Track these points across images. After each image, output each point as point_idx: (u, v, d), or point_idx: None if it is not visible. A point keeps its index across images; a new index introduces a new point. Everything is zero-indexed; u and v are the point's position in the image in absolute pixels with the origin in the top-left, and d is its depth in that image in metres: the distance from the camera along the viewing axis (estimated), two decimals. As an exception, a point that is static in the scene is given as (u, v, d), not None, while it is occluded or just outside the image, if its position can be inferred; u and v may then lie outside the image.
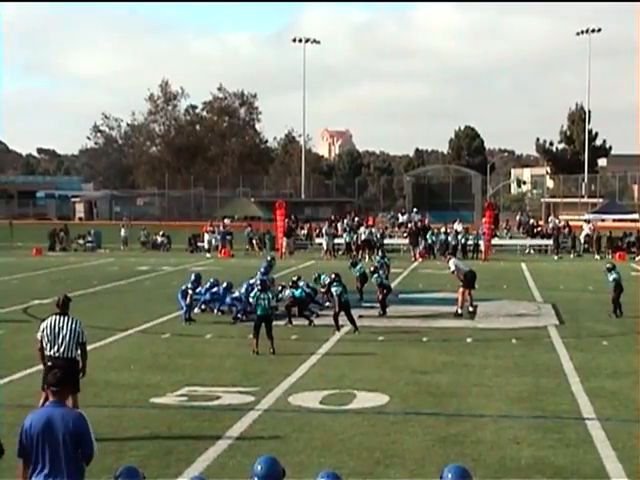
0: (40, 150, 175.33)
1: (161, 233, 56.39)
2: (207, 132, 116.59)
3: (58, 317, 12.63)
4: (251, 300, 20.42)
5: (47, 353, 12.45)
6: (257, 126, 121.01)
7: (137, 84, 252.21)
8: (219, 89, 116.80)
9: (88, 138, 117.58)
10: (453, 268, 26.29)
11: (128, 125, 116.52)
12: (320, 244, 51.39)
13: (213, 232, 53.90)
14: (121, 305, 27.90)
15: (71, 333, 12.47)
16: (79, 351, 12.58)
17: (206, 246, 52.83)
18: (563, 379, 16.71)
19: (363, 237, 48.74)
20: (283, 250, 49.62)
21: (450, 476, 6.87)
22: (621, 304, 25.15)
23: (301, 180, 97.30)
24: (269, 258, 28.71)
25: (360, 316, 24.45)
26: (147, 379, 16.49)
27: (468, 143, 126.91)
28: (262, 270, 26.44)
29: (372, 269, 26.63)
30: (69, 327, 12.51)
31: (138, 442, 12.37)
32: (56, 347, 12.43)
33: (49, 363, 12.28)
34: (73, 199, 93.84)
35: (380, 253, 31.04)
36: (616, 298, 25.00)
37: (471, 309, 25.70)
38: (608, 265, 26.16)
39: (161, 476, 10.84)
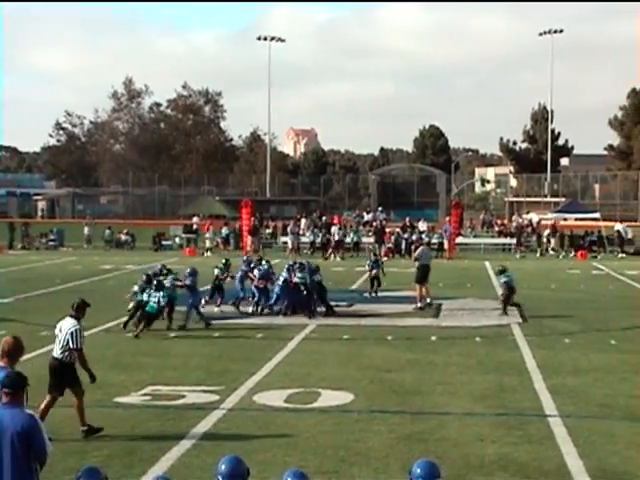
0: (1, 147, 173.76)
1: (125, 231, 56.06)
2: (171, 130, 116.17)
3: (66, 319, 12.97)
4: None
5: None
6: (222, 124, 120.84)
7: (100, 81, 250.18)
8: (184, 87, 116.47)
9: (50, 135, 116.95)
10: (419, 251, 27.47)
11: (91, 122, 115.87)
12: (285, 243, 51.38)
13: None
14: (84, 304, 27.67)
15: (65, 337, 12.70)
16: (71, 355, 12.72)
17: (208, 244, 52.15)
18: (526, 377, 16.84)
19: (337, 237, 48.79)
20: (248, 248, 49.55)
21: (419, 471, 6.90)
22: (517, 303, 25.35)
23: (266, 178, 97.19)
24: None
25: (326, 315, 24.56)
26: (110, 378, 16.39)
27: (433, 142, 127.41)
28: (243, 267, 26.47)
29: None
30: (65, 331, 12.73)
31: (101, 442, 12.32)
32: (55, 348, 12.82)
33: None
34: (35, 197, 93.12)
35: (373, 256, 30.73)
36: (506, 298, 25.12)
37: (428, 301, 26.39)
38: (500, 267, 26.27)
39: (124, 476, 10.80)
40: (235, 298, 25.50)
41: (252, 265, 26.48)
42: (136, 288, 23.09)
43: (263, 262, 26.72)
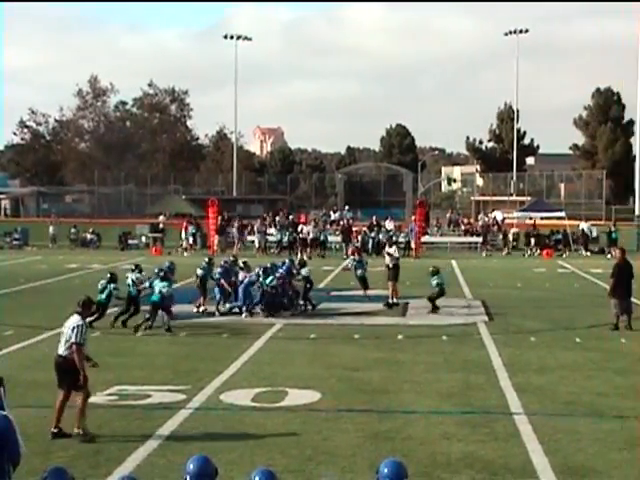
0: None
1: (91, 230, 55.67)
2: (137, 128, 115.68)
3: (72, 316, 12.90)
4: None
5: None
6: (188, 123, 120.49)
7: (65, 79, 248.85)
8: (149, 85, 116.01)
9: (14, 134, 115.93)
10: (392, 252, 27.91)
11: (56, 121, 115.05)
12: (252, 242, 51.31)
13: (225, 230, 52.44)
14: (49, 304, 27.48)
15: (68, 333, 12.65)
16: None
17: (184, 244, 51.42)
18: (492, 375, 16.92)
19: (311, 235, 48.80)
20: (215, 248, 49.44)
21: (387, 471, 6.90)
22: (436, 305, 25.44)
23: (233, 177, 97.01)
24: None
25: (292, 314, 24.56)
26: (76, 378, 16.27)
27: (399, 141, 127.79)
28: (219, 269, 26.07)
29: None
30: (69, 327, 12.68)
31: (66, 442, 12.23)
32: (60, 345, 12.79)
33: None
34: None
35: (357, 256, 29.73)
36: (435, 298, 25.31)
37: (395, 300, 26.63)
38: (432, 269, 26.37)
39: (90, 476, 10.73)
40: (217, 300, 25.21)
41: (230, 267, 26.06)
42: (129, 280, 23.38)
43: (239, 262, 26.53)
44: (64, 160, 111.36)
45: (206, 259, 26.73)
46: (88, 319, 14.66)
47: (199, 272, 25.74)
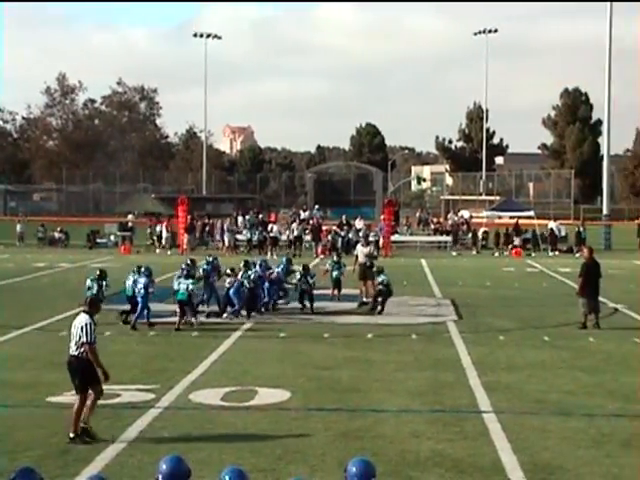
0: None
1: (59, 229, 55.32)
2: (106, 127, 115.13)
3: (80, 315, 12.74)
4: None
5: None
6: (158, 121, 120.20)
7: (33, 76, 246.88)
8: (118, 83, 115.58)
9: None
10: (366, 251, 27.99)
11: (24, 118, 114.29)
12: (222, 241, 51.14)
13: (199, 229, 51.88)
14: (17, 302, 27.31)
15: (77, 332, 12.48)
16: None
17: (226, 244, 49.77)
18: (461, 373, 16.97)
19: (296, 233, 48.77)
20: (184, 246, 49.29)
21: (355, 470, 6.91)
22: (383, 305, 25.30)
23: (202, 176, 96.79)
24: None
25: (261, 313, 24.52)
26: (43, 378, 16.18)
27: (369, 140, 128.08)
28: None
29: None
30: (78, 326, 12.51)
31: (34, 442, 12.14)
32: (70, 345, 12.62)
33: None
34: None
35: (336, 257, 29.33)
36: (385, 297, 25.11)
37: (364, 300, 26.57)
38: (375, 269, 26.35)
39: (58, 476, 10.65)
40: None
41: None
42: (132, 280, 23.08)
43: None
44: (32, 158, 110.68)
45: (189, 261, 25.78)
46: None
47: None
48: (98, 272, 23.56)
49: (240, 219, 53.87)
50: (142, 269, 23.23)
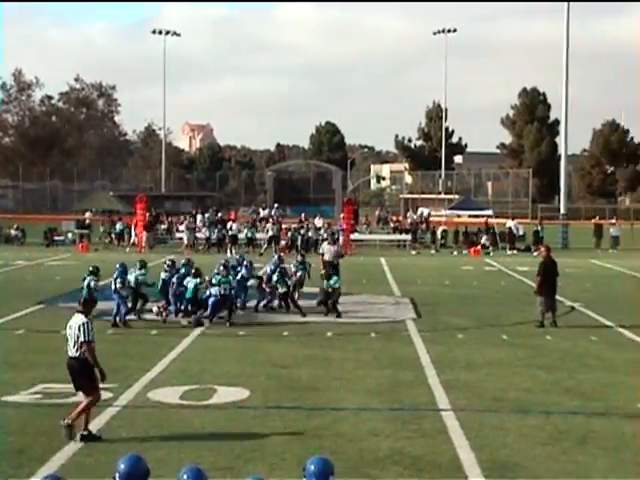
0: None
1: (15, 226, 54.76)
2: (64, 123, 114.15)
3: (75, 315, 12.62)
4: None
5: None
6: (116, 118, 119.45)
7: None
8: (76, 80, 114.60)
9: None
10: (334, 249, 28.10)
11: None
12: (180, 238, 50.98)
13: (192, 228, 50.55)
14: (-27, 301, 26.99)
15: (75, 332, 12.35)
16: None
17: (185, 242, 49.33)
18: (420, 372, 17.03)
19: (271, 233, 48.65)
20: (143, 244, 49.04)
21: (313, 468, 6.91)
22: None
23: (161, 174, 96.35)
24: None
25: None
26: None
27: (329, 139, 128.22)
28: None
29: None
30: (75, 326, 12.38)
31: (-11, 442, 12.00)
32: (68, 346, 12.48)
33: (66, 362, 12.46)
34: None
35: (300, 257, 27.93)
36: (334, 300, 24.82)
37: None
38: (328, 272, 26.16)
39: (13, 476, 10.55)
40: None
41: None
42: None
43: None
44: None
45: (168, 262, 25.03)
46: None
47: (163, 275, 24.33)
48: (90, 268, 23.18)
49: (199, 217, 53.68)
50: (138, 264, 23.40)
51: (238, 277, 24.84)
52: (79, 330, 12.31)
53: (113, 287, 22.48)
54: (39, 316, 23.94)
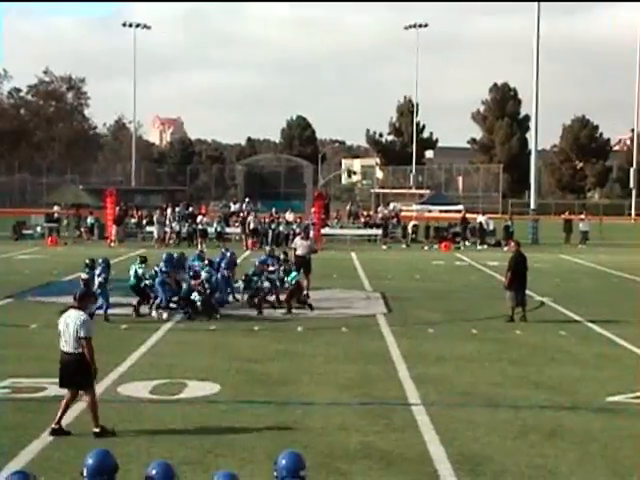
0: None
1: (-17, 220, 54.40)
2: (32, 116, 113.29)
3: (71, 311, 12.46)
4: None
5: (59, 348, 12.38)
6: (86, 111, 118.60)
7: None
8: (45, 72, 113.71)
9: None
10: (307, 244, 27.87)
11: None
12: (151, 232, 50.79)
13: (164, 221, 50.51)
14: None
15: (74, 328, 12.21)
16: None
17: (155, 236, 49.35)
18: (391, 366, 17.07)
19: (252, 226, 48.53)
20: (113, 238, 48.82)
21: (284, 463, 6.92)
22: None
23: (131, 167, 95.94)
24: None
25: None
26: (-32, 371, 15.89)
27: (300, 133, 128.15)
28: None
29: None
30: (73, 322, 12.24)
31: (-42, 437, 11.92)
32: (64, 341, 12.32)
33: (59, 358, 12.40)
34: None
35: (282, 255, 27.31)
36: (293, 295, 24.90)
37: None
38: (291, 268, 26.11)
39: (-18, 471, 10.48)
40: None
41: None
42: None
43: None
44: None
45: (142, 258, 24.34)
46: None
47: (140, 271, 23.55)
48: (89, 261, 22.97)
49: (169, 211, 53.49)
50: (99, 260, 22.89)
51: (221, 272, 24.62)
52: (81, 326, 12.22)
53: (97, 282, 22.10)
54: (8, 310, 23.80)
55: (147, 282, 23.11)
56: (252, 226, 48.98)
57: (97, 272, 22.31)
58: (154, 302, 22.93)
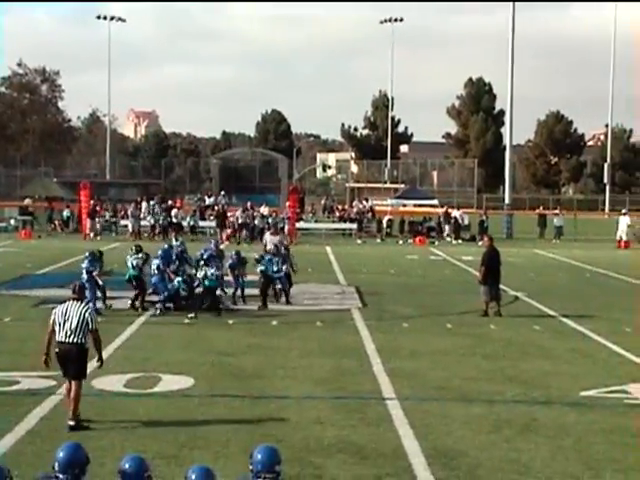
0: None
1: (-44, 212, 54.02)
2: (6, 109, 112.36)
3: (71, 302, 12.51)
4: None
5: (56, 338, 12.36)
6: (60, 104, 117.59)
7: None
8: (19, 65, 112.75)
9: None
10: (276, 239, 28.23)
11: None
12: (125, 226, 50.62)
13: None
14: None
15: (79, 319, 12.27)
16: (87, 338, 12.42)
17: (130, 229, 49.35)
18: (365, 360, 17.09)
19: (240, 221, 48.39)
20: (87, 231, 48.62)
21: (260, 457, 6.92)
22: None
23: (106, 161, 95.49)
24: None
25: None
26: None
27: (275, 127, 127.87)
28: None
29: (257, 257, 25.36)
30: (78, 313, 12.31)
31: None
32: (63, 333, 12.29)
33: (56, 349, 12.35)
34: None
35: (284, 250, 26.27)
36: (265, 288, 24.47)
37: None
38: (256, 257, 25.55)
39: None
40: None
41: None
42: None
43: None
44: None
45: (133, 248, 23.77)
46: None
47: (135, 262, 22.98)
48: (94, 252, 22.78)
49: (144, 205, 53.30)
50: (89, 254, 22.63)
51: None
52: (90, 318, 12.40)
53: (85, 276, 21.90)
54: (-19, 303, 23.63)
55: (143, 275, 22.92)
56: (240, 221, 48.89)
57: (84, 265, 22.20)
58: (160, 299, 22.66)
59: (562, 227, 54.16)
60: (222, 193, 60.82)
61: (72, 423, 12.11)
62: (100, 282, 22.37)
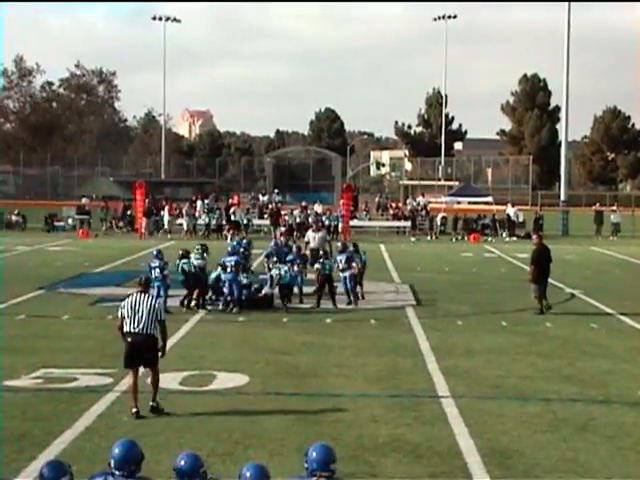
0: None
1: (16, 212, 54.73)
2: (64, 110, 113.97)
3: (138, 295, 12.99)
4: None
5: (126, 329, 12.87)
6: (116, 104, 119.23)
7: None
8: (77, 66, 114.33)
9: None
10: (319, 236, 28.36)
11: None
12: (180, 224, 50.96)
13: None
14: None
15: (149, 310, 12.77)
16: (157, 328, 12.95)
17: (185, 228, 49.61)
18: (419, 358, 17.04)
19: (298, 220, 48.60)
20: (143, 230, 49.03)
21: (315, 455, 6.92)
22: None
23: (161, 160, 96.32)
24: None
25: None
26: (0, 361, 16.02)
27: (328, 125, 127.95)
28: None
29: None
30: (148, 304, 12.81)
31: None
32: (135, 323, 12.77)
33: (128, 339, 12.88)
34: None
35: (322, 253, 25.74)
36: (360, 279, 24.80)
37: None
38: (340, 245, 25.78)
39: (14, 461, 10.58)
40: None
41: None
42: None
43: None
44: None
45: (198, 247, 23.48)
46: None
47: (197, 263, 22.78)
48: (158, 251, 23.05)
49: (199, 203, 53.61)
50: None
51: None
52: (160, 310, 12.97)
53: (157, 274, 21.89)
54: (39, 301, 23.96)
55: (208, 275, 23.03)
56: (298, 220, 48.97)
57: (154, 265, 22.18)
58: (228, 300, 22.59)
59: (619, 224, 53.43)
60: (276, 191, 60.98)
61: (153, 404, 12.81)
62: (169, 282, 22.44)
